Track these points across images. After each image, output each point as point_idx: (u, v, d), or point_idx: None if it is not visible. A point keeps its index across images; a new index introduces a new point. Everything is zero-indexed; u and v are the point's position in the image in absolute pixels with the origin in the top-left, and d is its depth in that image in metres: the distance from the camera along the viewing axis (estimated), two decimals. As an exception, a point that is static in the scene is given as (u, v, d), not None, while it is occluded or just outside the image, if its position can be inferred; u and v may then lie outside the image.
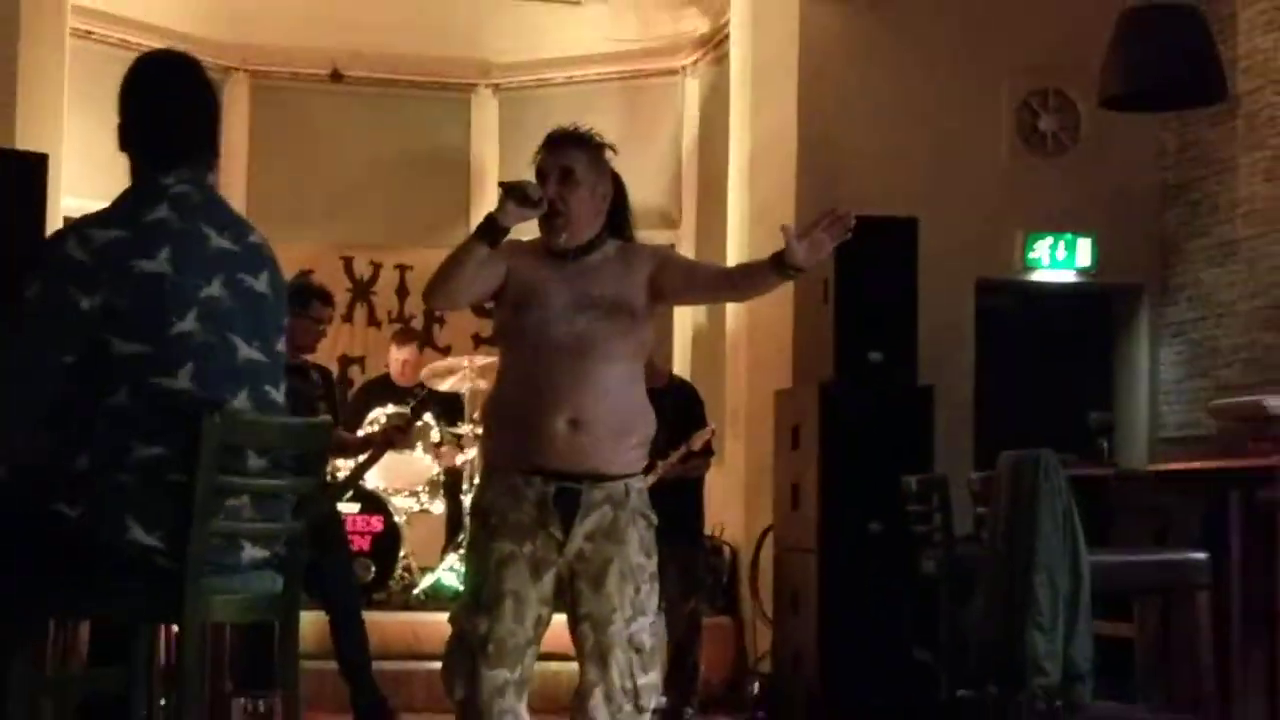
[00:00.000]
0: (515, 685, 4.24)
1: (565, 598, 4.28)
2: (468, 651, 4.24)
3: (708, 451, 7.85)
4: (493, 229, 4.19)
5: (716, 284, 4.73)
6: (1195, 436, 8.67)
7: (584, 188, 4.33)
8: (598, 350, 4.25)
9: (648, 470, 4.39)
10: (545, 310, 4.29)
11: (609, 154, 4.44)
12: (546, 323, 4.28)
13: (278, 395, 3.64)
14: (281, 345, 3.69)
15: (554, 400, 4.21)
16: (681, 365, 10.45)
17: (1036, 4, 9.37)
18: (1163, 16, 8.06)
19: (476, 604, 4.27)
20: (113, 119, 3.69)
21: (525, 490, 4.24)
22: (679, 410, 7.56)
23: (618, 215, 4.57)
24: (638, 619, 4.26)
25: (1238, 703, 5.35)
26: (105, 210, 3.56)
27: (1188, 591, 5.08)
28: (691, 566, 7.84)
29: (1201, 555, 5.10)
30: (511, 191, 4.22)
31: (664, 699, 5.16)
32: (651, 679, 4.30)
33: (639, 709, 4.26)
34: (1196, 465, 5.83)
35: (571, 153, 4.34)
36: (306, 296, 7.18)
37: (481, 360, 9.24)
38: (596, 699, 4.24)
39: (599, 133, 4.44)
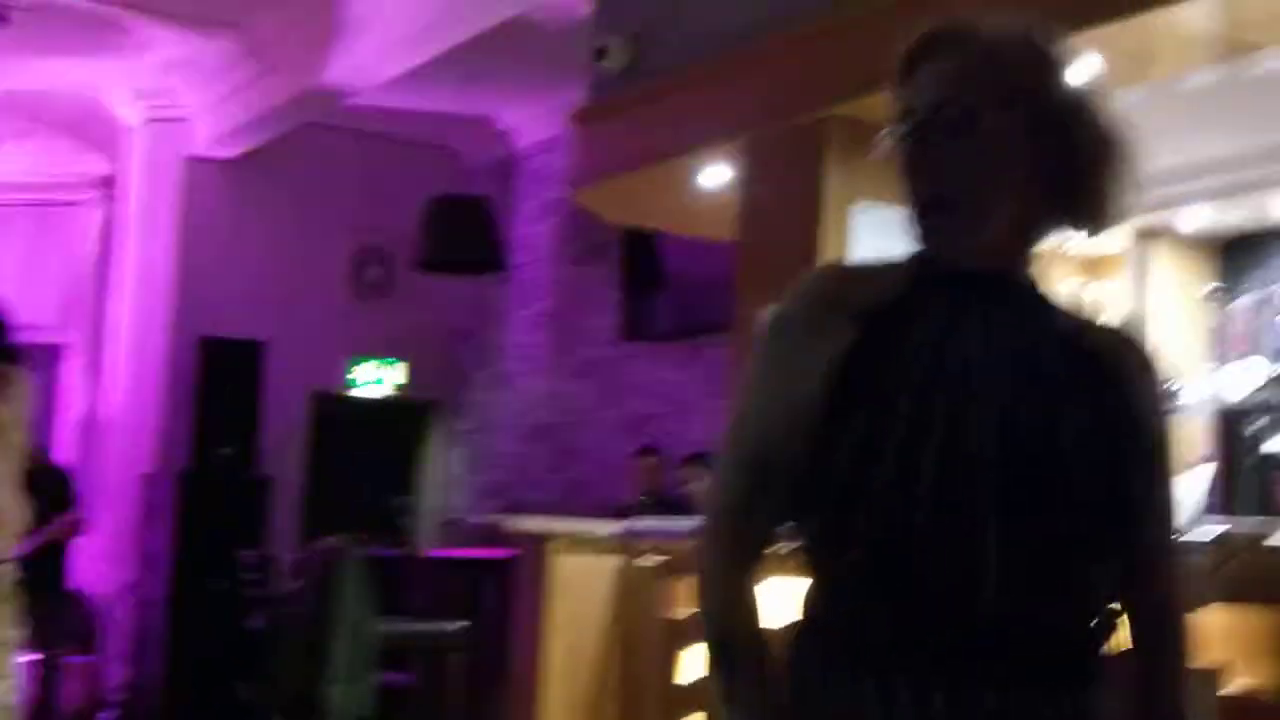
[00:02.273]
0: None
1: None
2: None
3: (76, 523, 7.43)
4: None
5: None
6: (471, 522, 8.90)
7: None
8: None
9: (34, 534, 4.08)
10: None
11: None
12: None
13: None
14: None
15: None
16: (66, 448, 9.78)
17: (367, 184, 9.47)
18: (460, 205, 8.37)
19: None
20: None
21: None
22: (55, 486, 7.14)
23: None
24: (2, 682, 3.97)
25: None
26: None
27: (445, 653, 5.21)
28: (57, 615, 7.35)
29: (458, 624, 5.24)
30: None
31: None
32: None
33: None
34: (465, 552, 6.01)
35: None
36: None
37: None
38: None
39: None
